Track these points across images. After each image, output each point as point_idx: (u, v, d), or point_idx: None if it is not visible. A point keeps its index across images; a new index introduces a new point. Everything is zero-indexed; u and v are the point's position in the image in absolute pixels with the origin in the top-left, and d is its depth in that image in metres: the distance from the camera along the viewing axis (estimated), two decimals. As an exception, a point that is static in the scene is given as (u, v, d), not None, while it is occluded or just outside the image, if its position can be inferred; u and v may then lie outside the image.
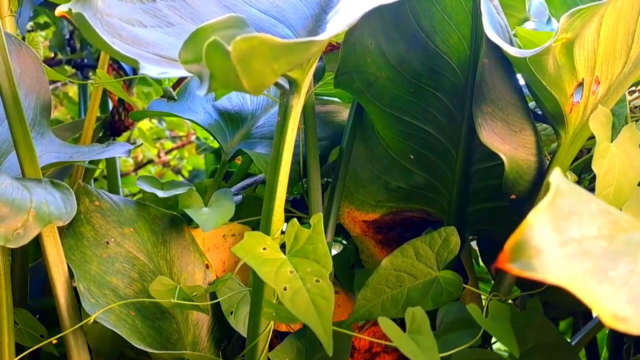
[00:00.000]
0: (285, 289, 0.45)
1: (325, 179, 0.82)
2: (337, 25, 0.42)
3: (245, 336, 0.61)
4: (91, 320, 0.56)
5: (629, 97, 0.67)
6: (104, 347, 0.62)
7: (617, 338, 0.79)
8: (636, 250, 0.30)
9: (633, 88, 0.68)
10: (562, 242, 0.29)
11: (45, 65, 0.71)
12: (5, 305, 0.55)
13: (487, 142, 0.58)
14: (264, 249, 0.48)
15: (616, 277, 0.28)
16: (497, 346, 0.97)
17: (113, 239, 0.64)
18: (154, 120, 1.77)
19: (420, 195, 0.72)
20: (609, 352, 0.83)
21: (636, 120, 0.65)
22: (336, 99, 0.86)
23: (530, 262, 0.28)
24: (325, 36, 0.39)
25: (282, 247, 0.50)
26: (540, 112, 0.63)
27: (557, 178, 0.31)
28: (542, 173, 0.61)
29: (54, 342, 0.59)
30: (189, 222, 0.69)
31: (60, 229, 0.59)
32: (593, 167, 0.52)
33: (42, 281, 0.74)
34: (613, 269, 0.29)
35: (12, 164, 0.64)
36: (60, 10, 0.44)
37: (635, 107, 0.67)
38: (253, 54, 0.34)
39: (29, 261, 0.69)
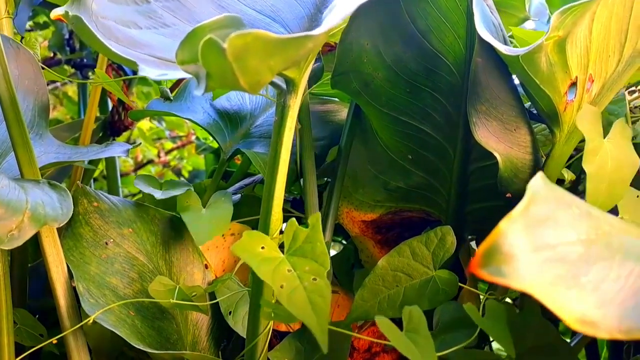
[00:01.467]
0: (282, 287, 0.45)
1: (324, 179, 0.82)
2: (331, 19, 0.42)
3: (245, 336, 0.61)
4: (91, 321, 0.56)
5: (628, 97, 0.67)
6: (104, 347, 0.62)
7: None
8: (614, 255, 0.30)
9: (633, 88, 0.68)
10: (534, 248, 0.29)
11: (44, 66, 0.72)
12: (4, 306, 0.56)
13: (482, 141, 0.58)
14: (263, 248, 0.48)
15: (587, 283, 0.28)
16: (497, 346, 0.97)
17: (112, 240, 0.64)
18: (154, 121, 1.77)
19: (419, 195, 0.72)
20: (609, 352, 0.83)
21: (636, 120, 0.65)
22: (335, 99, 0.86)
23: (500, 268, 0.28)
24: (320, 31, 0.39)
25: (281, 246, 0.50)
26: (535, 111, 0.63)
27: (535, 183, 0.32)
28: (537, 171, 0.61)
29: (54, 342, 0.59)
30: (189, 221, 0.69)
31: (59, 229, 0.59)
32: (584, 166, 0.52)
33: (42, 281, 0.74)
34: (585, 274, 0.29)
35: (10, 165, 0.64)
36: (56, 13, 0.44)
37: (635, 107, 0.67)
38: (248, 50, 0.34)
39: (28, 261, 0.69)
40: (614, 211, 0.55)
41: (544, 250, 0.29)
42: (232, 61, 0.34)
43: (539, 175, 0.32)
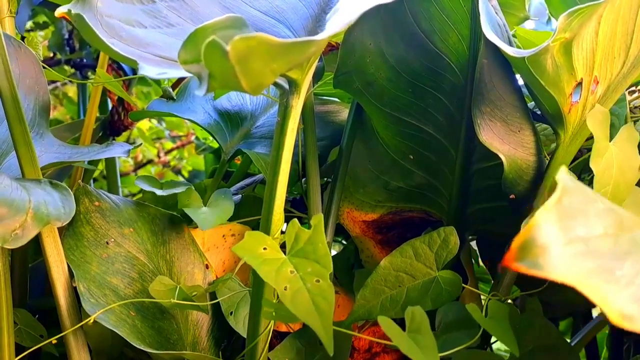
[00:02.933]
0: (285, 289, 0.45)
1: (325, 179, 0.82)
2: (335, 24, 0.42)
3: (245, 336, 0.61)
4: (91, 321, 0.56)
5: (628, 97, 0.67)
6: (104, 347, 0.62)
7: (617, 338, 0.79)
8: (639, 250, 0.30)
9: (633, 88, 0.68)
10: (568, 241, 0.29)
11: (45, 66, 0.71)
12: (5, 305, 0.55)
13: (486, 142, 0.58)
14: (265, 248, 0.48)
15: (622, 277, 0.29)
16: (497, 346, 0.97)
17: (113, 239, 0.64)
18: (154, 121, 1.77)
19: (420, 196, 0.72)
20: (609, 352, 0.83)
21: (636, 120, 0.65)
22: (336, 99, 0.86)
23: (537, 261, 0.28)
24: (323, 36, 0.39)
25: (282, 247, 0.50)
26: (539, 112, 0.63)
27: (564, 176, 0.32)
28: (541, 173, 0.61)
29: (54, 342, 0.59)
30: (189, 222, 0.69)
31: (60, 229, 0.59)
32: (591, 165, 0.52)
33: (42, 281, 0.74)
34: (619, 268, 0.29)
35: (11, 164, 0.64)
36: (60, 11, 0.44)
37: (636, 107, 0.67)
38: (251, 53, 0.34)
39: (28, 261, 0.69)
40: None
41: (576, 243, 0.29)
42: (235, 64, 0.34)
43: (564, 169, 0.32)
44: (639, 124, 0.65)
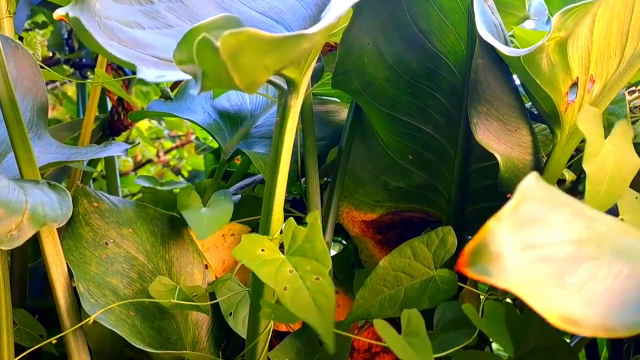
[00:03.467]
0: (285, 289, 0.45)
1: (324, 179, 0.82)
2: (327, 18, 0.42)
3: (245, 337, 0.61)
4: (91, 321, 0.56)
5: (628, 97, 0.67)
6: (104, 347, 0.62)
7: (617, 338, 0.79)
8: (604, 255, 0.30)
9: (633, 88, 0.68)
10: (522, 248, 0.29)
11: (43, 66, 0.71)
12: (4, 306, 0.55)
13: (483, 141, 0.58)
14: (263, 250, 0.48)
15: (573, 282, 0.28)
16: (497, 346, 0.97)
17: (112, 240, 0.64)
18: (153, 121, 1.76)
19: (419, 195, 0.72)
20: (608, 352, 0.83)
21: (635, 120, 0.65)
22: (335, 99, 0.86)
23: (486, 267, 0.28)
24: (314, 29, 0.39)
25: (282, 246, 0.50)
26: (536, 112, 0.63)
27: (526, 184, 0.32)
28: (538, 172, 0.61)
29: (54, 342, 0.59)
30: (188, 222, 0.69)
31: (59, 230, 0.59)
32: (584, 166, 0.52)
33: (42, 281, 0.74)
34: (571, 273, 0.29)
35: (9, 165, 0.64)
36: (58, 13, 0.44)
37: (635, 107, 0.67)
38: (242, 49, 0.34)
39: (28, 261, 0.69)
40: (614, 212, 0.55)
41: (531, 249, 0.29)
42: (226, 60, 0.34)
43: (532, 175, 0.32)
44: (639, 124, 0.65)
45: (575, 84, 0.55)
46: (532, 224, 0.30)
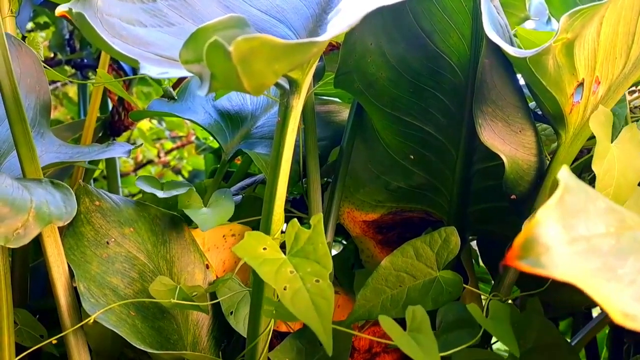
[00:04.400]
0: (285, 289, 0.45)
1: (325, 179, 0.82)
2: (337, 26, 0.42)
3: (245, 336, 0.61)
4: (91, 320, 0.56)
5: (629, 97, 0.67)
6: (104, 347, 0.62)
7: (617, 338, 0.79)
8: None
9: (633, 88, 0.68)
10: (570, 240, 0.29)
11: (46, 66, 0.71)
12: (5, 305, 0.55)
13: (488, 142, 0.58)
14: (264, 248, 0.48)
15: (624, 275, 0.29)
16: (497, 346, 0.97)
17: (113, 239, 0.64)
18: (154, 121, 1.76)
19: (421, 196, 0.72)
20: (609, 352, 0.83)
21: (636, 120, 0.65)
22: (336, 99, 0.86)
23: (539, 260, 0.28)
24: (326, 37, 0.39)
25: (282, 247, 0.50)
26: (540, 112, 0.63)
27: (565, 175, 0.31)
28: (542, 173, 0.61)
29: (54, 342, 0.59)
30: (189, 222, 0.69)
31: (60, 228, 0.59)
32: (593, 167, 0.52)
33: (42, 281, 0.74)
34: (621, 266, 0.29)
35: (12, 164, 0.64)
36: (60, 10, 0.44)
37: (636, 107, 0.67)
38: (254, 54, 0.34)
39: (29, 261, 0.69)
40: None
41: (579, 241, 0.29)
42: (237, 64, 0.34)
43: (565, 168, 0.32)
44: (639, 124, 0.65)
45: (580, 85, 0.55)
46: (576, 216, 0.30)
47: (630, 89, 0.68)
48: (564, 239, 0.29)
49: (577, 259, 0.28)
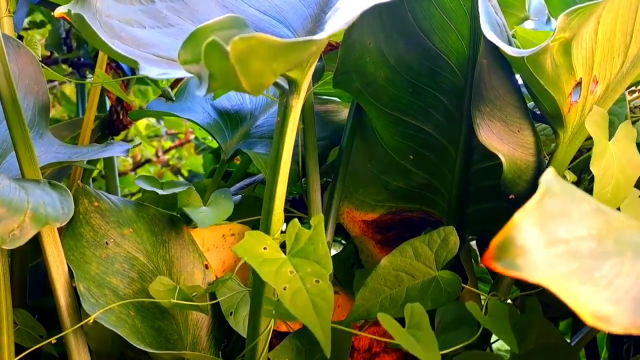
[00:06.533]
0: (285, 289, 0.45)
1: (325, 179, 0.82)
2: (335, 24, 0.42)
3: (245, 336, 0.61)
4: (91, 320, 0.56)
5: (628, 97, 0.67)
6: (104, 347, 0.62)
7: (617, 338, 0.79)
8: (625, 251, 0.30)
9: (633, 88, 0.68)
10: (548, 242, 0.29)
11: (44, 66, 0.71)
12: (4, 305, 0.55)
13: (486, 142, 0.58)
14: (265, 248, 0.48)
15: (601, 278, 0.28)
16: (497, 346, 0.97)
17: (112, 240, 0.64)
18: (152, 120, 1.76)
19: (420, 195, 0.72)
20: (608, 352, 0.83)
21: (635, 120, 0.65)
22: (335, 99, 0.86)
23: (514, 262, 0.28)
24: (323, 35, 0.39)
25: (281, 246, 0.50)
26: (539, 112, 0.63)
27: (548, 178, 0.32)
28: (540, 173, 0.61)
29: (54, 342, 0.59)
30: (188, 222, 0.69)
31: (60, 229, 0.58)
32: (591, 168, 0.52)
33: (42, 281, 0.74)
34: (599, 269, 0.29)
35: (10, 165, 0.64)
36: (59, 11, 0.44)
37: (635, 106, 0.67)
38: (252, 53, 0.34)
39: (28, 261, 0.69)
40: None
41: (557, 244, 0.29)
42: (235, 64, 0.34)
43: (550, 170, 0.32)
44: (639, 124, 0.65)
45: (578, 85, 0.55)
46: (556, 218, 0.30)
47: (630, 89, 0.68)
48: (542, 242, 0.29)
49: (553, 261, 0.28)
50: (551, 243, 0.29)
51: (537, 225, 0.29)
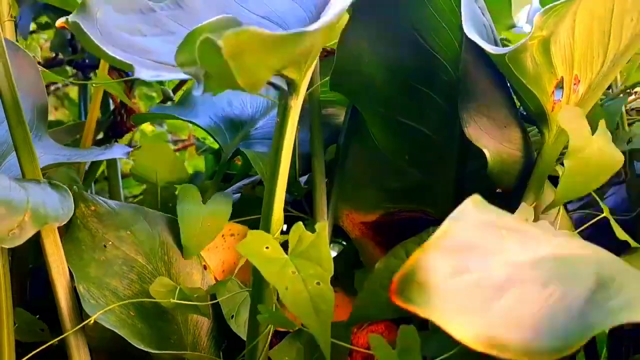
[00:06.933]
0: (286, 289, 0.45)
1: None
2: (327, 16, 0.42)
3: (246, 338, 0.61)
4: (92, 321, 0.56)
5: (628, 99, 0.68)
6: (105, 348, 0.62)
7: (617, 338, 0.79)
8: (539, 277, 0.29)
9: (629, 90, 0.68)
10: (453, 274, 0.28)
11: (43, 68, 0.71)
12: (5, 305, 0.56)
13: (472, 137, 0.58)
14: (267, 248, 0.48)
15: (500, 308, 0.28)
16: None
17: (110, 242, 0.64)
18: (156, 125, 1.76)
19: (418, 195, 0.72)
20: (608, 352, 0.83)
21: (632, 123, 0.65)
22: (333, 103, 0.87)
23: (412, 297, 0.28)
24: (315, 26, 0.39)
25: (282, 247, 0.50)
26: (525, 113, 0.63)
27: (460, 209, 0.31)
28: (529, 168, 0.61)
29: (55, 342, 0.59)
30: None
31: (59, 234, 0.59)
32: (565, 161, 0.53)
33: (42, 282, 0.74)
34: (499, 298, 0.28)
35: (11, 166, 0.64)
36: (60, 22, 0.45)
37: (632, 109, 0.67)
38: (244, 48, 0.34)
39: (29, 262, 0.69)
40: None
41: (463, 275, 0.29)
42: (229, 59, 0.34)
43: (471, 199, 0.32)
44: (636, 126, 0.65)
45: (560, 84, 0.55)
46: (465, 250, 0.30)
47: (627, 91, 0.68)
48: (446, 273, 0.28)
49: (453, 294, 0.28)
50: (457, 274, 0.29)
51: (440, 258, 0.29)
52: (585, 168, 0.53)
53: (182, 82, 1.03)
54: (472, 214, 0.31)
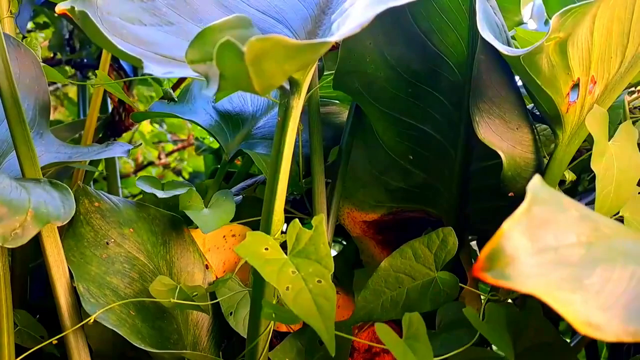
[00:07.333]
0: (287, 289, 0.45)
1: (325, 180, 0.82)
2: (348, 25, 0.42)
3: (245, 337, 0.61)
4: (91, 320, 0.56)
5: (628, 98, 0.67)
6: (105, 347, 0.62)
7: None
8: (615, 257, 0.30)
9: (632, 89, 0.68)
10: (537, 251, 0.29)
11: (46, 65, 0.71)
12: (5, 305, 0.55)
13: (485, 139, 0.58)
14: (266, 249, 0.48)
15: (591, 285, 0.28)
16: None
17: (113, 240, 0.64)
18: (155, 124, 1.76)
19: (420, 196, 0.72)
20: (608, 352, 0.83)
21: (635, 121, 0.65)
22: (336, 101, 0.87)
23: (503, 271, 0.28)
24: (336, 37, 0.39)
25: (282, 247, 0.50)
26: (538, 113, 0.63)
27: (535, 185, 0.31)
28: (540, 171, 0.61)
29: (54, 342, 0.59)
30: (189, 222, 0.69)
31: (60, 229, 0.59)
32: (592, 167, 0.52)
33: (42, 281, 0.74)
34: (588, 276, 0.29)
35: (11, 164, 0.64)
36: (61, 7, 0.44)
37: (635, 107, 0.67)
38: (267, 55, 0.34)
39: (29, 261, 0.69)
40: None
41: (546, 252, 0.29)
42: (249, 64, 0.34)
43: (537, 177, 0.32)
44: (639, 124, 0.65)
45: (576, 85, 0.55)
46: (544, 227, 0.30)
47: (630, 90, 0.68)
48: (530, 250, 0.28)
49: (543, 270, 0.28)
50: (540, 251, 0.29)
51: (526, 233, 0.29)
52: (611, 175, 0.53)
53: (180, 80, 1.03)
54: (544, 191, 0.31)
